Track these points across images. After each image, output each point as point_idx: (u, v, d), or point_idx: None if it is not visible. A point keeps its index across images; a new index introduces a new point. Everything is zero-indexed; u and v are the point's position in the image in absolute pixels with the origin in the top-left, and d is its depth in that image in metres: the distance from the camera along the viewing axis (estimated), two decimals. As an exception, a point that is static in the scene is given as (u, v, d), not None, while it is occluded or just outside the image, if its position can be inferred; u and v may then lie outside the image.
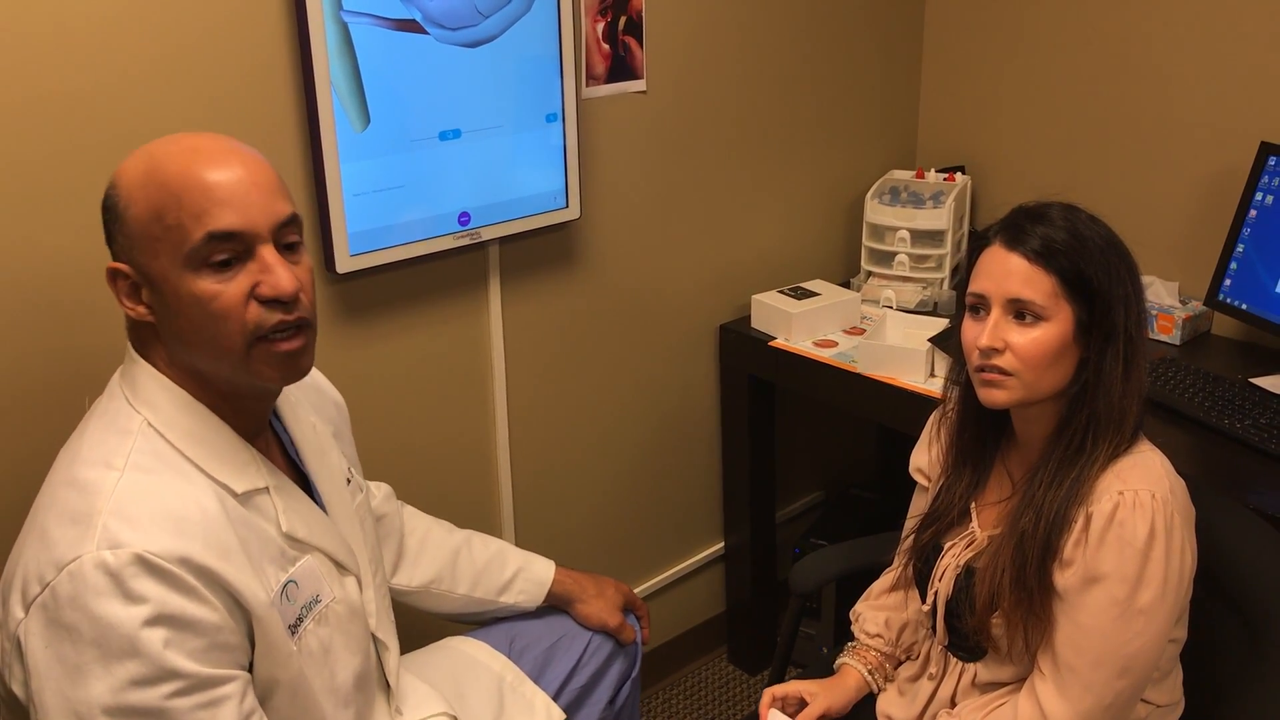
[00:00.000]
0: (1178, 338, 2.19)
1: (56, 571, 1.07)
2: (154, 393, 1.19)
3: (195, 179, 1.12)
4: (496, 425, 2.11)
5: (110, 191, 1.17)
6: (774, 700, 1.58)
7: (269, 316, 1.15)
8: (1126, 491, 1.31)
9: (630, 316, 2.28)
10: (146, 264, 1.14)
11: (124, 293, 1.18)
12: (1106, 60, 2.36)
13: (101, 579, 1.06)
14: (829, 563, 1.87)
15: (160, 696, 1.07)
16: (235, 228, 1.13)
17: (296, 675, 1.22)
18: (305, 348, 1.20)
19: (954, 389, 1.51)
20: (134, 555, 1.07)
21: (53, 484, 1.17)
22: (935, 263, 2.42)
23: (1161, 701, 1.43)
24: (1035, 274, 1.32)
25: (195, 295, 1.13)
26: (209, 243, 1.12)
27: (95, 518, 1.09)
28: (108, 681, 1.05)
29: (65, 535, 1.09)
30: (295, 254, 1.19)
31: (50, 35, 1.45)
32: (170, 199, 1.12)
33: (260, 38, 1.64)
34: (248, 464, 1.22)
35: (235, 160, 1.15)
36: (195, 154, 1.14)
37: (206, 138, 1.18)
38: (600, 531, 2.37)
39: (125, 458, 1.14)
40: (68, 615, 1.06)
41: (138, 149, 1.19)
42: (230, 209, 1.12)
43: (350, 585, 1.33)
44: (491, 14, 1.83)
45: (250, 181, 1.14)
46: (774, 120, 2.42)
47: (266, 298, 1.14)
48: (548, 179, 2.00)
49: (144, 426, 1.17)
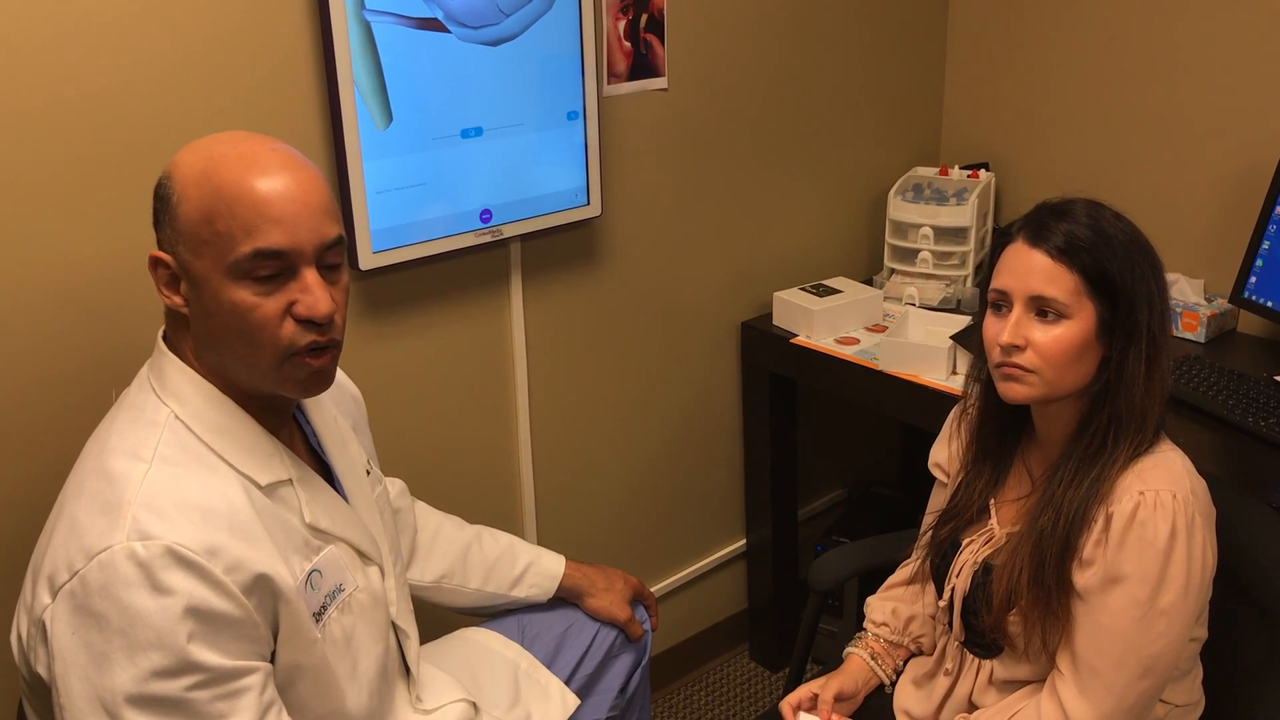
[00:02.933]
0: (1203, 335, 2.17)
1: (86, 560, 1.09)
2: (181, 386, 1.20)
3: (250, 191, 1.13)
4: (518, 421, 2.12)
5: (165, 181, 1.18)
6: (793, 709, 1.57)
7: (302, 336, 1.17)
8: (1147, 491, 1.30)
9: (651, 314, 2.29)
10: (190, 261, 1.16)
11: (163, 281, 1.19)
12: (1132, 57, 2.34)
13: (132, 570, 1.08)
14: (848, 560, 1.87)
15: (181, 688, 1.08)
16: (283, 247, 1.14)
17: (320, 662, 1.24)
18: (330, 365, 1.22)
19: (975, 386, 1.51)
20: (164, 547, 1.09)
21: (81, 473, 1.19)
22: (958, 260, 2.41)
23: (1181, 701, 1.42)
24: (1058, 271, 1.32)
25: (234, 303, 1.15)
26: (255, 258, 1.13)
27: (125, 509, 1.11)
28: (131, 671, 1.07)
29: (95, 525, 1.11)
30: (335, 274, 1.21)
31: (75, 36, 1.47)
32: (223, 206, 1.13)
33: (283, 37, 1.65)
34: (271, 456, 1.24)
35: (291, 176, 1.16)
36: (253, 164, 1.15)
37: (265, 146, 1.18)
38: (622, 528, 2.38)
39: (153, 449, 1.16)
40: (96, 604, 1.08)
41: (197, 141, 1.19)
42: (280, 228, 1.14)
43: (373, 574, 1.35)
44: (513, 12, 1.84)
45: (303, 201, 1.15)
46: (796, 117, 2.42)
47: (303, 318, 1.16)
48: (569, 176, 2.01)
49: (171, 419, 1.19)
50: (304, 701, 1.24)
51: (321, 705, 1.26)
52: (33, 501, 1.41)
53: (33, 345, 1.51)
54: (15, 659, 1.20)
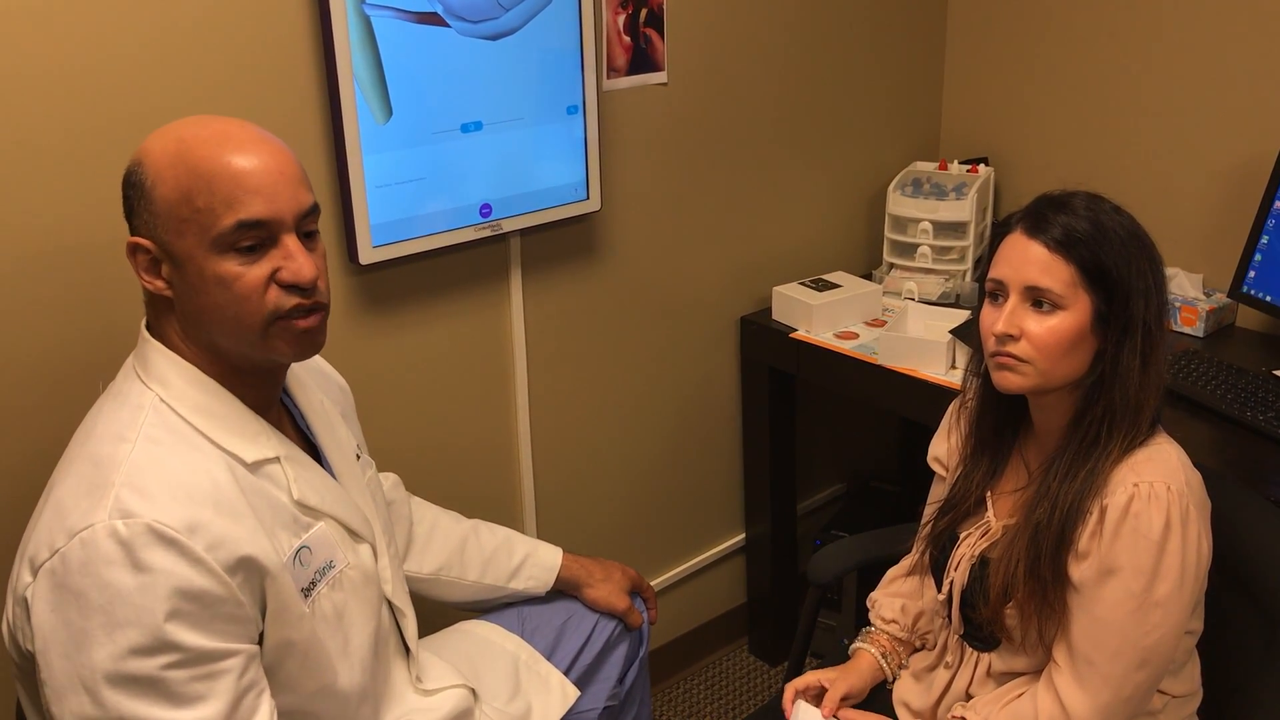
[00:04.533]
0: (1201, 330, 2.18)
1: (68, 538, 1.10)
2: (165, 370, 1.22)
3: (227, 166, 1.16)
4: (517, 416, 2.12)
5: (135, 168, 1.20)
6: (796, 693, 1.59)
7: (287, 300, 1.20)
8: (1142, 484, 1.30)
9: (651, 308, 2.29)
10: (170, 242, 1.18)
11: (143, 267, 1.21)
12: (1131, 51, 2.35)
13: (113, 547, 1.09)
14: (847, 553, 1.88)
15: (157, 666, 1.09)
16: (264, 216, 1.17)
17: (309, 637, 1.25)
18: (320, 326, 1.25)
19: (973, 380, 1.51)
20: (145, 525, 1.09)
21: (68, 459, 1.21)
22: (957, 255, 2.41)
23: (1178, 692, 1.43)
24: (1055, 263, 1.32)
25: (219, 275, 1.17)
26: (238, 229, 1.16)
27: (109, 489, 1.12)
28: (110, 649, 1.08)
29: (79, 505, 1.12)
30: (313, 241, 1.24)
31: (74, 23, 1.47)
32: (201, 183, 1.15)
33: (283, 30, 1.66)
34: (258, 435, 1.25)
35: (264, 149, 1.19)
36: (226, 140, 1.18)
37: (234, 124, 1.21)
38: (622, 522, 2.38)
39: (138, 430, 1.17)
40: (76, 581, 1.09)
41: (162, 128, 1.22)
42: (260, 198, 1.16)
43: (364, 552, 1.36)
44: (513, 7, 1.84)
45: (278, 171, 1.19)
46: (795, 112, 2.42)
47: (287, 283, 1.19)
48: (568, 171, 2.01)
49: (155, 402, 1.20)
50: (295, 678, 1.25)
51: (313, 682, 1.27)
52: (21, 494, 1.42)
53: (19, 338, 1.52)
54: (5, 641, 1.21)
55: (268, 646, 1.21)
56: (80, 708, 1.09)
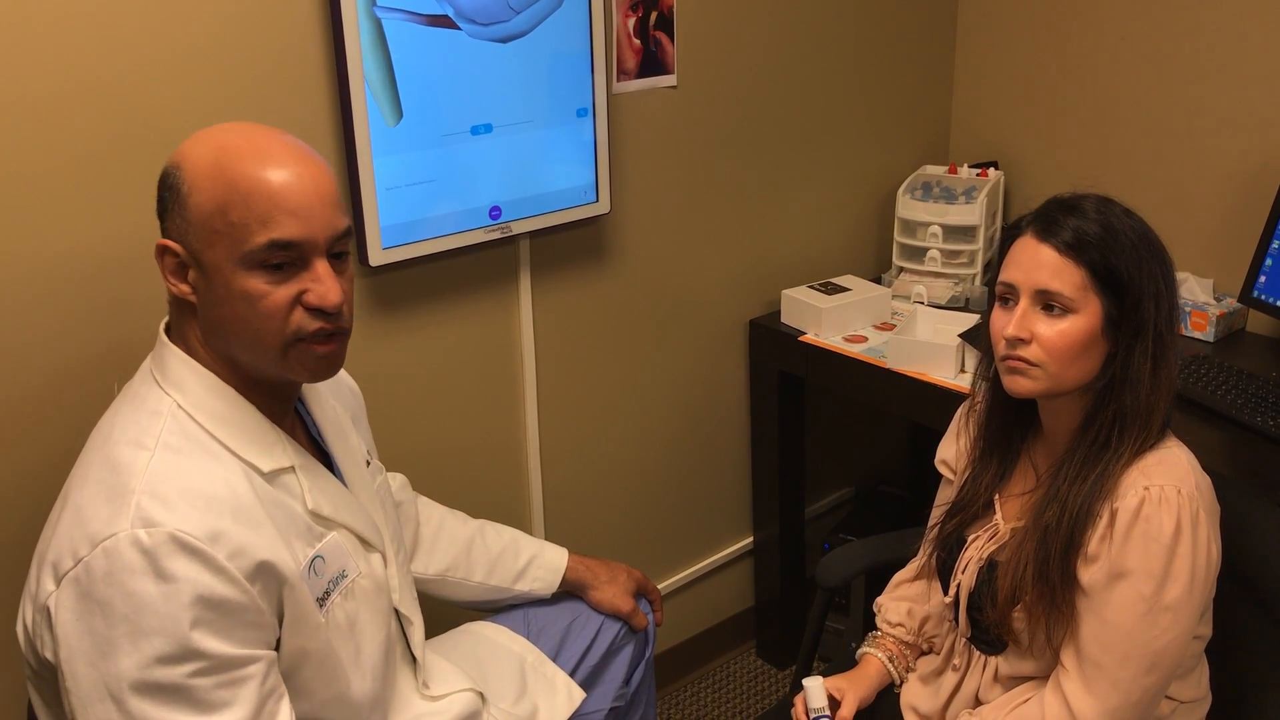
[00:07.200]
0: (1211, 335, 2.17)
1: (91, 547, 1.10)
2: (183, 376, 1.22)
3: (265, 183, 1.15)
4: (526, 418, 2.12)
5: (173, 170, 1.19)
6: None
7: (310, 323, 1.19)
8: (1152, 487, 1.30)
9: (660, 311, 2.29)
10: (200, 250, 1.17)
11: (170, 269, 1.21)
12: (1141, 55, 2.34)
13: (136, 557, 1.09)
14: (855, 557, 1.88)
15: (183, 674, 1.10)
16: (297, 238, 1.16)
17: (324, 646, 1.25)
18: (339, 351, 1.25)
19: (982, 383, 1.51)
20: (168, 534, 1.10)
21: (85, 463, 1.20)
22: (967, 258, 2.41)
23: (1186, 697, 1.42)
24: (1065, 266, 1.32)
25: (245, 291, 1.16)
26: (270, 248, 1.15)
27: (129, 496, 1.12)
28: (135, 657, 1.08)
29: (99, 512, 1.12)
30: (342, 263, 1.23)
31: (83, 29, 1.48)
32: (237, 198, 1.15)
33: (294, 33, 1.66)
34: (274, 444, 1.25)
35: (303, 169, 1.18)
36: (267, 156, 1.17)
37: (277, 138, 1.20)
38: (630, 525, 2.38)
39: (156, 438, 1.17)
40: (101, 590, 1.09)
41: (204, 131, 1.21)
42: (295, 219, 1.16)
43: (375, 561, 1.37)
44: (523, 9, 1.85)
45: (315, 193, 1.18)
46: (805, 115, 2.42)
47: (313, 306, 1.18)
48: (578, 173, 2.01)
49: (173, 408, 1.20)
50: (309, 686, 1.26)
51: (326, 690, 1.28)
52: (36, 495, 1.42)
53: (35, 340, 1.52)
54: (21, 646, 1.21)
55: (283, 654, 1.21)
56: (107, 716, 1.09)
